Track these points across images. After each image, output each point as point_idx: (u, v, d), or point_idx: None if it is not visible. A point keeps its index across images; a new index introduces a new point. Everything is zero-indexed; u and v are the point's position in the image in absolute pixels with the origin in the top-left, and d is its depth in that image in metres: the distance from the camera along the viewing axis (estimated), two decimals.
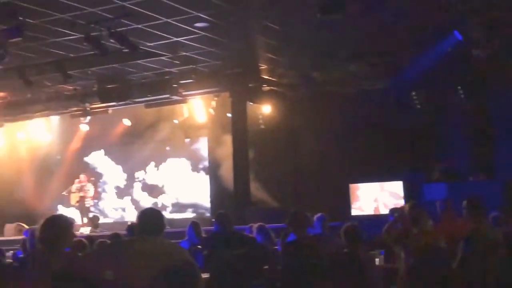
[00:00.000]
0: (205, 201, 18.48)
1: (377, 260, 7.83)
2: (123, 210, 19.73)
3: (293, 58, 13.97)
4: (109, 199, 19.97)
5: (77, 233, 16.00)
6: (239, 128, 15.58)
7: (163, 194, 19.22)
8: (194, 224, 9.34)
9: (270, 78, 15.48)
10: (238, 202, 15.15)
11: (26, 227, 15.01)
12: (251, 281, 6.76)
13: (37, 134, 19.11)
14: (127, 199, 19.68)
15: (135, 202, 19.33)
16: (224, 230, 7.55)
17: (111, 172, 19.85)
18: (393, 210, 9.13)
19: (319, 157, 16.06)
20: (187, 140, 18.72)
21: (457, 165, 14.45)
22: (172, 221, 17.57)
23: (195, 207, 18.65)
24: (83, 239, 7.58)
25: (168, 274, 4.50)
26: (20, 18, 10.46)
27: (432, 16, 11.56)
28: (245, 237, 8.07)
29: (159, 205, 18.92)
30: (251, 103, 15.82)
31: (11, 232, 17.25)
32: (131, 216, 18.41)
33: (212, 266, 6.27)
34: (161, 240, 4.91)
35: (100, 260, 4.72)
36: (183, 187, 19.07)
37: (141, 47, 12.14)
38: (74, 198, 17.90)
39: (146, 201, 19.09)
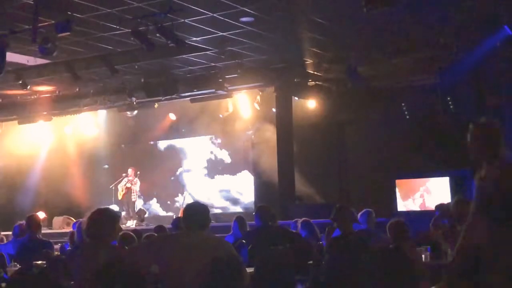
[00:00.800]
0: (250, 195, 18.52)
1: (423, 256, 7.74)
2: (169, 204, 19.90)
3: (339, 52, 13.87)
4: (155, 193, 20.16)
5: (123, 226, 16.24)
6: (284, 122, 15.56)
7: (207, 189, 19.32)
8: (239, 219, 9.36)
9: (315, 72, 15.40)
10: (282, 197, 15.15)
11: (74, 220, 15.28)
12: (295, 276, 6.74)
13: (85, 128, 19.41)
14: (172, 193, 19.84)
15: (180, 196, 19.46)
16: (266, 224, 7.56)
17: (157, 166, 20.02)
18: (439, 207, 9.01)
19: (365, 152, 15.94)
20: (231, 134, 18.75)
21: None
22: (217, 216, 17.72)
23: (240, 201, 18.71)
24: (130, 232, 7.66)
25: (213, 268, 4.53)
26: (69, 13, 10.62)
27: (482, 10, 11.34)
28: (289, 232, 8.06)
29: (204, 200, 19.02)
30: (296, 98, 15.77)
31: (59, 225, 17.59)
32: (177, 210, 18.58)
33: (257, 261, 6.28)
34: (207, 234, 4.95)
35: (146, 253, 4.77)
36: (227, 181, 19.14)
37: (187, 42, 12.19)
38: (120, 192, 18.14)
39: (191, 195, 19.22)
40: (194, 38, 12.64)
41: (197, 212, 4.98)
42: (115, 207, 18.21)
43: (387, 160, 15.37)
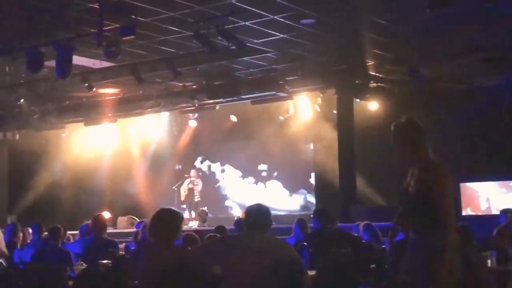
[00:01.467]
0: (311, 198, 18.45)
1: (488, 261, 7.55)
2: (231, 204, 20.01)
3: (401, 53, 13.68)
4: (217, 194, 20.30)
5: (186, 227, 16.43)
6: (345, 124, 15.44)
7: (269, 190, 19.35)
8: (300, 221, 9.35)
9: (377, 74, 15.22)
10: (343, 200, 15.03)
11: (138, 220, 15.53)
12: (357, 280, 6.67)
13: (148, 130, 19.71)
14: (234, 194, 19.94)
15: (241, 197, 19.55)
16: (325, 227, 7.53)
17: (220, 167, 20.17)
18: (504, 211, 8.79)
19: None
20: (292, 136, 18.71)
21: None
22: (278, 217, 17.71)
23: (300, 203, 18.66)
24: (193, 233, 7.73)
25: (275, 270, 4.52)
26: (133, 16, 10.80)
27: None
28: (349, 235, 8.00)
29: (265, 201, 19.03)
30: (357, 100, 15.64)
31: (123, 225, 17.91)
32: (239, 211, 18.67)
33: (318, 264, 6.25)
34: (269, 236, 4.94)
35: (209, 254, 4.80)
36: (287, 183, 19.13)
37: (248, 44, 12.23)
38: (183, 193, 18.31)
39: (252, 196, 19.29)
40: (255, 41, 12.68)
41: (258, 213, 4.98)
42: (179, 206, 18.46)
43: (451, 163, 14.95)
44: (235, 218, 12.78)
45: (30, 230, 10.66)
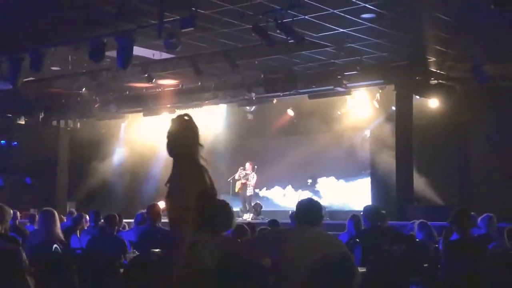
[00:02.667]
0: (366, 194, 18.32)
1: None
2: (286, 198, 20.02)
3: (465, 50, 13.43)
4: (272, 187, 20.35)
5: (239, 220, 16.53)
6: (404, 121, 15.25)
7: (323, 186, 19.29)
8: (354, 217, 9.28)
9: (438, 71, 14.99)
10: (400, 198, 14.88)
11: None
12: (409, 279, 6.60)
13: (206, 122, 19.85)
14: (289, 188, 19.95)
15: (297, 192, 19.51)
16: (375, 224, 7.48)
17: (275, 161, 20.20)
18: None
19: (489, 154, 15.37)
20: (349, 132, 18.60)
21: None
22: (333, 213, 17.66)
23: (356, 200, 18.53)
24: (244, 225, 7.78)
25: (325, 265, 4.51)
26: (193, 9, 10.90)
27: None
28: (400, 234, 7.92)
29: (320, 197, 19.03)
30: (417, 97, 15.43)
31: None
32: (293, 205, 18.66)
33: (370, 261, 6.20)
34: (319, 231, 4.94)
35: (259, 246, 4.82)
36: (343, 179, 19.04)
37: (306, 38, 12.20)
38: (237, 186, 18.40)
39: (307, 191, 19.25)
40: (314, 35, 12.64)
41: (310, 208, 4.98)
42: (232, 199, 18.58)
43: None
44: (290, 212, 12.79)
45: (88, 217, 10.90)
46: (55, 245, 7.10)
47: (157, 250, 6.24)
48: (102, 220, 9.14)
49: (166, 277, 4.32)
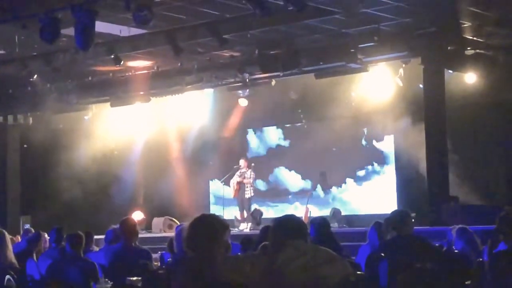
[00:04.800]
0: (390, 194, 18.34)
1: None
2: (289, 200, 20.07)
3: (507, 11, 13.43)
4: (272, 186, 20.38)
5: (235, 231, 16.54)
6: (435, 102, 15.26)
7: (336, 184, 19.33)
8: (377, 225, 9.29)
9: (475, 38, 15.01)
10: (432, 197, 14.91)
11: (177, 222, 15.69)
12: None
13: (188, 111, 19.83)
14: (295, 186, 19.97)
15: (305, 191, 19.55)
16: (403, 234, 7.50)
17: (275, 155, 20.20)
18: None
19: None
20: (366, 117, 18.60)
21: None
22: (350, 218, 17.69)
23: (376, 201, 18.56)
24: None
25: None
26: None
27: None
28: (435, 247, 7.95)
29: (332, 197, 19.10)
30: (450, 71, 15.44)
31: (159, 228, 18.17)
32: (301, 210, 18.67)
33: (399, 282, 6.22)
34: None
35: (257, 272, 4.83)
36: (362, 175, 19.07)
37: (310, 4, 12.16)
38: (232, 188, 18.35)
39: (317, 190, 19.32)
40: None
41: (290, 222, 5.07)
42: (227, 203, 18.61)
43: None
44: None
45: (47, 236, 10.89)
46: (7, 277, 7.09)
47: (134, 278, 6.25)
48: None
49: None
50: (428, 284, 6.15)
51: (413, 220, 8.01)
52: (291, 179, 20.06)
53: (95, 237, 12.17)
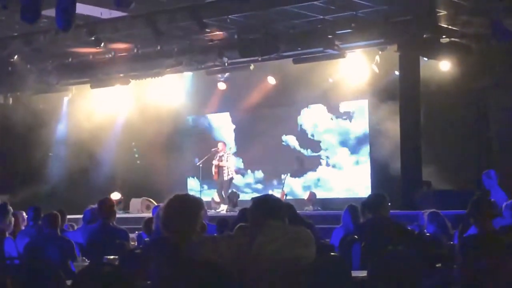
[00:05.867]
0: (364, 178, 18.41)
1: None
2: (265, 184, 20.07)
3: (482, 1, 13.46)
4: (248, 171, 20.37)
5: (212, 212, 16.57)
6: (409, 89, 15.31)
7: (313, 168, 19.36)
8: (351, 208, 9.33)
9: (450, 26, 15.03)
10: (405, 182, 14.99)
11: (155, 203, 15.66)
12: (419, 282, 6.65)
13: (167, 94, 19.77)
14: (270, 171, 19.97)
15: (283, 177, 19.53)
16: (377, 217, 7.53)
17: (254, 140, 20.18)
18: None
19: None
20: (343, 103, 18.65)
21: None
22: (325, 202, 17.75)
23: (351, 185, 18.64)
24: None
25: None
26: None
27: None
28: (407, 230, 7.98)
29: (308, 181, 19.13)
30: (425, 59, 15.47)
31: (137, 208, 18.14)
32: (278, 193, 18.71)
33: (371, 264, 6.23)
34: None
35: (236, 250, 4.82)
36: (337, 160, 19.12)
37: None
38: (214, 171, 18.24)
39: (294, 175, 19.32)
40: None
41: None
42: (203, 184, 18.60)
43: None
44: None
45: (25, 215, 10.83)
46: None
47: (112, 257, 6.22)
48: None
49: None
50: (399, 267, 6.18)
51: (389, 203, 8.04)
52: (267, 163, 20.03)
53: (74, 216, 12.15)
